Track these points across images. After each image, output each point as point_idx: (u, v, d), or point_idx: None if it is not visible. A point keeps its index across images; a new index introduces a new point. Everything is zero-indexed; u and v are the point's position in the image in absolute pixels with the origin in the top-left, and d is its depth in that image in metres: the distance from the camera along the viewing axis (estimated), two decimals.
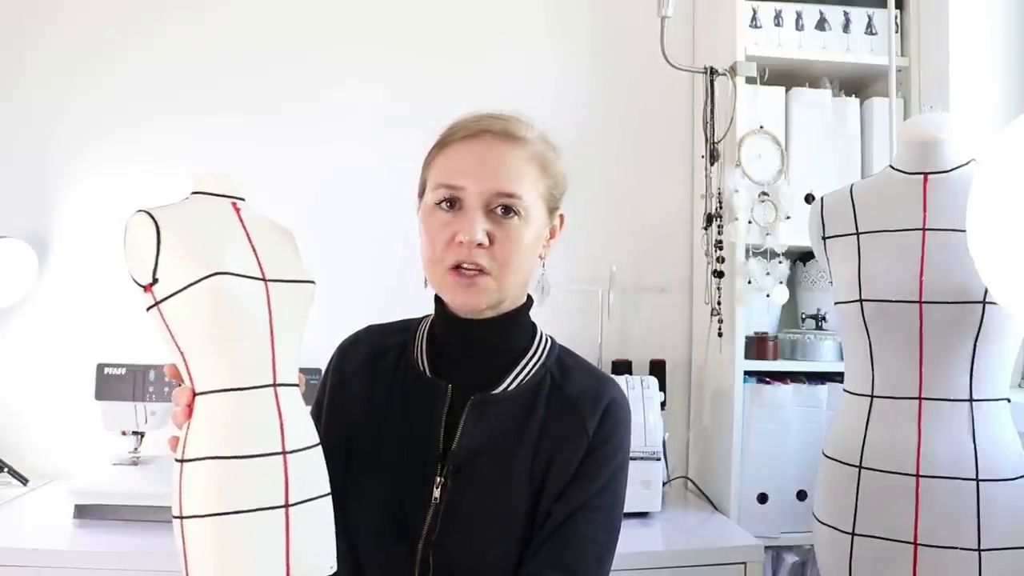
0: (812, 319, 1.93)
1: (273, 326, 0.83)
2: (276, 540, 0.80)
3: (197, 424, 0.79)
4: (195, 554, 0.77)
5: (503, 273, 0.94)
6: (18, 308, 1.93)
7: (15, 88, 1.97)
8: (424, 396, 0.99)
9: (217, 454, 0.78)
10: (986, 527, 1.22)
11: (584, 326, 2.01)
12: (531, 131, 0.98)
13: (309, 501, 0.83)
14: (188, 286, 0.78)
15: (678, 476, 2.06)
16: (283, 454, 0.81)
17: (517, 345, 1.02)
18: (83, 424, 1.87)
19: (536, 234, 0.97)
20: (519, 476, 0.96)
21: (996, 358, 1.27)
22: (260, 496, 0.79)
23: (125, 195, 1.98)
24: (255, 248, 0.85)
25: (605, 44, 2.15)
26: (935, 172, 1.33)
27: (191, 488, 0.78)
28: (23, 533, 1.53)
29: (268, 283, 0.84)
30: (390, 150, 1.90)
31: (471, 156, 0.95)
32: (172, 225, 0.81)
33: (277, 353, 0.83)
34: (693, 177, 2.12)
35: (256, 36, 2.04)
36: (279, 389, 0.83)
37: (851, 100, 1.96)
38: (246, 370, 0.81)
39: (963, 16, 1.84)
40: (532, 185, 0.95)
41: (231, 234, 0.85)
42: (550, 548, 0.93)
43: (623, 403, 1.01)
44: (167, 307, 0.79)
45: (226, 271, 0.80)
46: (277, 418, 0.82)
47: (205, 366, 0.80)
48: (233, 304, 0.80)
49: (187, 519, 0.77)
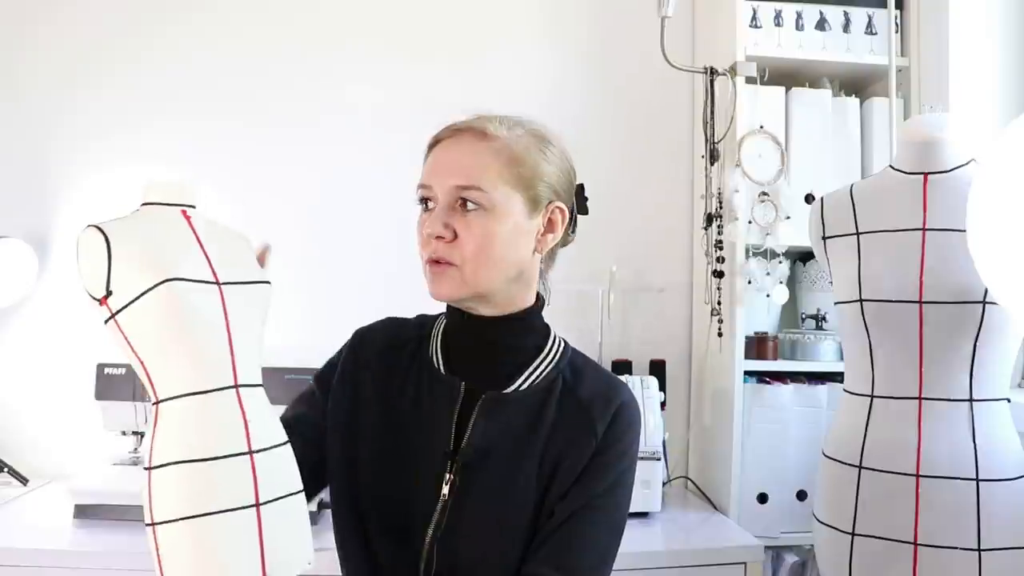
0: (812, 319, 1.93)
1: (230, 328, 0.84)
2: (250, 539, 0.80)
3: (162, 431, 0.80)
4: (169, 558, 0.78)
5: (469, 265, 0.94)
6: (18, 308, 1.93)
7: (15, 88, 1.97)
8: (438, 393, 1.00)
9: (184, 458, 0.78)
10: (986, 527, 1.22)
11: (584, 326, 2.01)
12: (510, 127, 0.98)
13: (280, 499, 0.84)
14: (141, 295, 0.79)
15: (678, 476, 2.06)
16: (250, 453, 0.82)
17: (528, 345, 1.02)
18: (83, 424, 1.87)
19: (514, 227, 0.96)
20: (527, 476, 0.96)
21: (996, 358, 1.27)
22: (230, 497, 0.79)
23: (125, 195, 1.97)
24: (207, 252, 0.86)
25: (605, 44, 2.15)
26: (935, 172, 1.33)
27: (161, 494, 0.78)
28: (23, 533, 1.53)
29: (222, 286, 0.85)
30: (390, 150, 1.90)
31: (440, 155, 0.98)
32: (121, 236, 0.81)
33: (236, 355, 0.84)
34: (693, 177, 2.12)
35: (256, 36, 2.04)
36: (241, 390, 0.84)
37: (851, 100, 1.96)
38: (206, 373, 0.82)
39: (963, 16, 1.84)
40: (497, 177, 0.95)
41: (181, 240, 0.86)
42: (551, 547, 0.93)
43: (634, 407, 1.02)
44: (123, 318, 0.80)
45: (178, 277, 0.81)
46: (241, 418, 0.82)
47: (165, 372, 0.81)
48: (187, 309, 0.81)
49: (159, 525, 0.78)
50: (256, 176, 2.01)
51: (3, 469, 1.80)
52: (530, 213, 0.98)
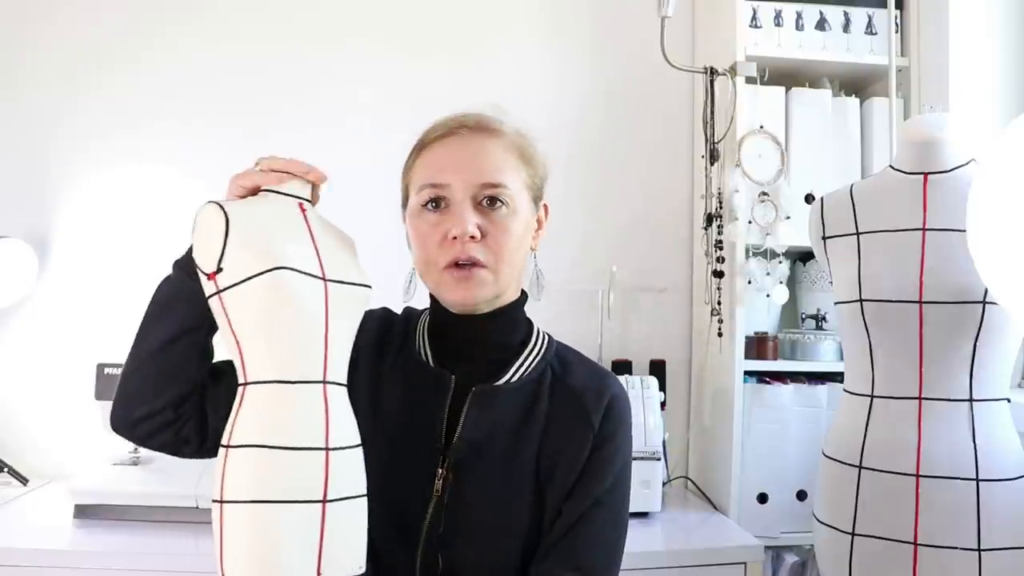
0: (812, 319, 1.93)
1: (328, 324, 0.85)
2: (310, 534, 0.81)
3: (245, 412, 0.81)
4: (230, 538, 0.78)
5: (499, 265, 0.94)
6: (18, 308, 1.93)
7: (15, 88, 1.97)
8: (428, 387, 0.99)
9: (262, 443, 0.80)
10: (986, 527, 1.22)
11: (584, 326, 2.01)
12: (506, 122, 0.99)
13: (346, 499, 0.84)
14: (250, 277, 0.81)
15: (678, 476, 2.06)
16: (326, 450, 0.83)
17: (515, 340, 1.01)
18: (83, 424, 1.87)
19: (525, 224, 0.97)
20: (522, 469, 0.95)
21: (996, 358, 1.27)
22: (299, 488, 0.81)
23: (125, 195, 1.98)
24: (318, 248, 0.88)
25: (605, 44, 2.15)
26: (935, 172, 1.33)
27: (233, 473, 0.79)
28: (23, 533, 1.53)
29: (328, 282, 0.86)
30: (390, 150, 1.89)
31: (451, 152, 0.95)
32: (241, 218, 0.83)
33: (330, 351, 0.85)
34: (693, 177, 2.12)
35: (256, 36, 2.04)
36: (328, 386, 0.85)
37: (851, 100, 1.97)
38: (298, 364, 0.83)
39: (963, 16, 1.84)
40: (515, 174, 0.96)
41: (296, 232, 0.87)
42: (562, 548, 0.93)
43: (625, 399, 1.02)
44: (228, 296, 0.81)
45: (288, 266, 0.82)
46: (324, 414, 0.83)
47: (259, 357, 0.82)
48: (292, 298, 0.82)
49: (226, 503, 0.79)
50: None
51: (3, 469, 1.80)
52: (533, 209, 0.99)
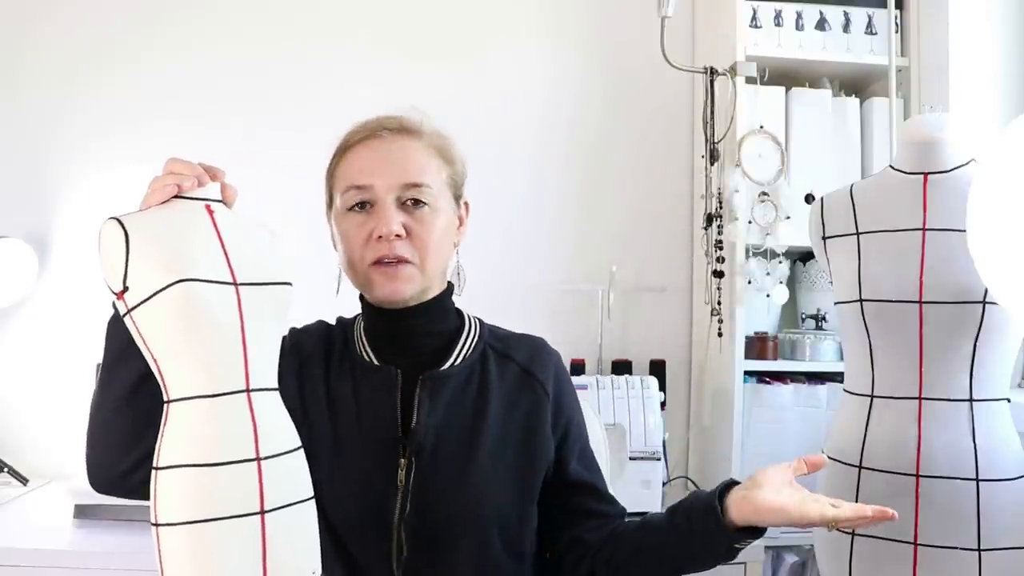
0: (812, 319, 1.93)
1: (245, 330, 0.82)
2: (252, 547, 0.79)
3: (170, 431, 0.79)
4: (170, 561, 0.77)
5: (425, 261, 0.97)
6: (18, 308, 1.93)
7: (15, 88, 1.98)
8: (375, 383, 1.01)
9: (190, 462, 0.78)
10: (986, 527, 1.22)
11: (584, 326, 2.01)
12: (426, 123, 1.02)
13: (286, 507, 0.83)
14: (155, 293, 0.78)
15: (678, 476, 2.06)
16: (257, 460, 0.80)
17: (449, 327, 1.05)
18: (83, 424, 1.87)
19: (448, 221, 1.01)
20: (485, 450, 0.98)
21: (996, 358, 1.26)
22: (234, 503, 0.79)
23: (126, 195, 1.97)
24: (227, 251, 0.84)
25: (605, 44, 2.14)
26: (935, 172, 1.33)
27: (165, 495, 0.78)
28: (23, 533, 1.54)
29: (239, 287, 0.83)
30: None
31: (374, 154, 0.98)
32: (141, 231, 0.80)
33: (250, 357, 0.82)
34: (693, 177, 2.12)
35: (256, 36, 2.04)
36: (252, 394, 0.82)
37: (851, 100, 1.96)
38: (217, 376, 0.80)
39: (963, 16, 1.84)
40: (436, 173, 1.00)
41: (201, 238, 0.83)
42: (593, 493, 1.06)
43: (558, 354, 1.12)
44: (138, 314, 0.79)
45: (193, 277, 0.79)
46: (251, 423, 0.81)
47: (177, 373, 0.80)
48: (201, 310, 0.79)
49: (162, 527, 0.77)
50: (256, 176, 1.99)
51: (3, 469, 1.81)
52: (455, 208, 1.03)
